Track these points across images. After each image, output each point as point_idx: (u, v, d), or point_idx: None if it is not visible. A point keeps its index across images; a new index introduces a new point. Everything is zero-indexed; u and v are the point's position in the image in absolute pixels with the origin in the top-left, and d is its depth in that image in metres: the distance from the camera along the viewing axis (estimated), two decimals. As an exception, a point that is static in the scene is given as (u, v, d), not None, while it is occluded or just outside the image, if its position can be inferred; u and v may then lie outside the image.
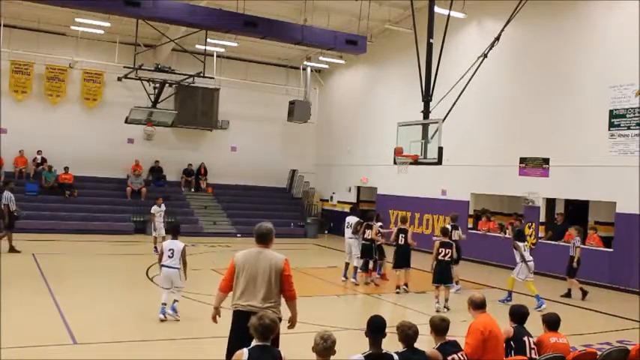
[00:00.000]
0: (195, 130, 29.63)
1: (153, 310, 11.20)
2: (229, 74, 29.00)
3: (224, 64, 28.55)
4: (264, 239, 6.88)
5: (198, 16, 19.67)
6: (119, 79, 25.14)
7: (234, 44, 26.78)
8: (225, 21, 19.69)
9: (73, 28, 25.62)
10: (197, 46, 25.03)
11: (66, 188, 25.99)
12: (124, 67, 23.72)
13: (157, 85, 24.44)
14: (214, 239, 24.50)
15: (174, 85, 25.15)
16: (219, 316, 7.04)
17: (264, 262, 6.70)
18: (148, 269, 16.72)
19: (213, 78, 26.09)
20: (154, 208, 20.33)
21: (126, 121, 25.05)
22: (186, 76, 24.18)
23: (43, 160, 26.74)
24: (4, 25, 24.49)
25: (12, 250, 18.39)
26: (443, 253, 13.59)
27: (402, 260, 15.48)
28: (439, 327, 6.43)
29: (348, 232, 16.83)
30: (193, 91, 27.66)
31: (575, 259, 15.62)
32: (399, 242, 15.58)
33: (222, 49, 27.36)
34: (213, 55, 26.67)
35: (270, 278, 6.63)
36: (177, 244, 11.10)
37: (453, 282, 14.81)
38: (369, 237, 16.16)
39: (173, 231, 11.63)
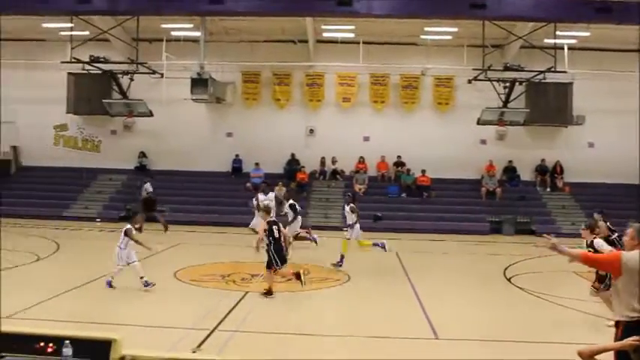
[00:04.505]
0: (548, 127, 28.68)
1: (513, 312, 11.18)
2: (582, 66, 27.38)
3: (576, 56, 27.07)
4: None
5: (545, 9, 19.25)
6: (469, 81, 25.65)
7: (587, 34, 25.35)
8: (574, 10, 19.01)
9: (422, 37, 26.87)
10: (546, 41, 24.32)
11: (423, 190, 27.32)
12: (473, 69, 24.12)
13: (507, 84, 24.41)
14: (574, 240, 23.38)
15: (524, 83, 24.84)
16: None
17: None
18: (505, 269, 16.70)
19: (565, 72, 25.05)
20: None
21: (478, 123, 25.45)
22: (537, 73, 23.70)
23: (402, 163, 28.50)
24: (363, 42, 26.64)
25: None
26: None
27: None
28: None
29: None
30: (544, 87, 26.73)
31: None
32: None
33: (573, 41, 26.07)
34: (563, 48, 25.58)
35: None
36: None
37: None
38: None
39: None
